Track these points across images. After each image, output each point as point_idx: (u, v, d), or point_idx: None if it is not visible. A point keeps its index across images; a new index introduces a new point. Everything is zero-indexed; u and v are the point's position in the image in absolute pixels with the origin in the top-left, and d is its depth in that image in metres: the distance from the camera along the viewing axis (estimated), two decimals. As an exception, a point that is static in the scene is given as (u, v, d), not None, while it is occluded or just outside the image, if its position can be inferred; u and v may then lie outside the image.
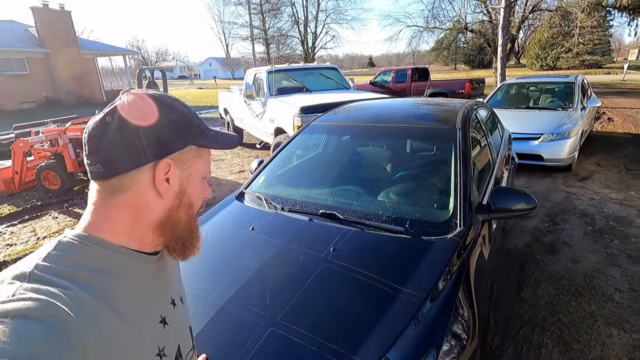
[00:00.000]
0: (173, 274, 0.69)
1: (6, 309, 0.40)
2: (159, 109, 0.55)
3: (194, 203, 0.61)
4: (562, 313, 2.31)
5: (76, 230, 0.54)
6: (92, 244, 0.52)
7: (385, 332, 1.13)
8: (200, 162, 0.60)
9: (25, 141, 5.02)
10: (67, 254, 0.50)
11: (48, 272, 0.46)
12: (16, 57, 16.33)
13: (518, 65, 36.51)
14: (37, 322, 0.40)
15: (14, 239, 3.86)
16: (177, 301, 0.65)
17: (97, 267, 0.51)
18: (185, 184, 0.58)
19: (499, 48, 11.33)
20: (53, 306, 0.43)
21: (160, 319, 0.58)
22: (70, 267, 0.49)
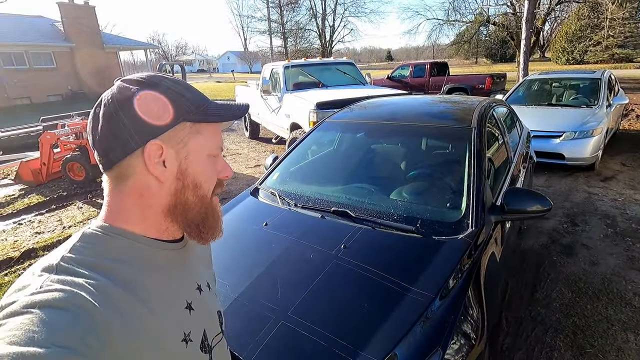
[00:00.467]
0: (200, 260, 0.69)
1: (34, 301, 0.42)
2: (141, 91, 0.53)
3: (200, 184, 0.57)
4: (577, 316, 2.27)
5: (98, 221, 0.56)
6: (115, 234, 0.54)
7: (393, 329, 1.15)
8: (199, 139, 0.56)
9: (52, 134, 5.23)
10: (91, 245, 0.52)
11: (73, 264, 0.48)
12: (44, 52, 16.93)
13: (543, 59, 35.27)
14: (63, 312, 0.42)
15: (42, 227, 4.05)
16: (203, 287, 0.65)
17: (120, 257, 0.52)
18: (184, 165, 0.55)
19: (522, 42, 10.97)
20: (78, 296, 0.44)
21: (185, 305, 0.59)
22: (94, 258, 0.50)
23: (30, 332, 0.38)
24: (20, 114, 12.64)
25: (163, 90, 0.54)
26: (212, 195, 0.60)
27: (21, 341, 0.38)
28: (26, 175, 5.46)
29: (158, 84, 0.55)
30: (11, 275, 3.06)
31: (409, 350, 1.11)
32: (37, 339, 0.38)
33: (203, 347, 0.59)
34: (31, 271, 0.48)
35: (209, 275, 0.72)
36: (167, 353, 0.52)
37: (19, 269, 3.14)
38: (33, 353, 0.37)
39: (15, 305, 0.41)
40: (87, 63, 17.83)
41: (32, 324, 0.39)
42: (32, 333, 0.38)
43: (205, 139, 0.57)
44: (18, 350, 0.37)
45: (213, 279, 0.74)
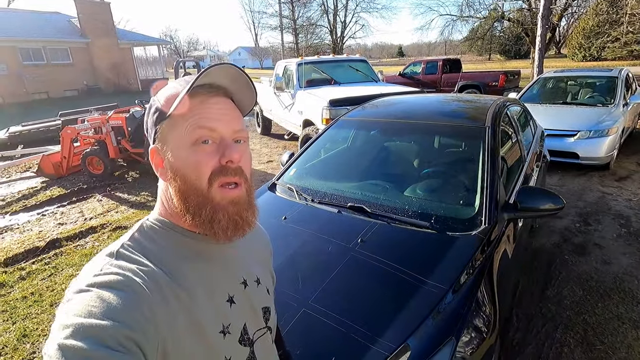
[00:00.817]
0: (252, 256, 0.72)
1: (95, 281, 0.49)
2: (148, 107, 0.62)
3: (185, 175, 0.56)
4: (588, 314, 2.30)
5: (154, 214, 0.62)
6: (166, 227, 0.60)
7: (407, 319, 1.22)
8: (175, 133, 0.56)
9: (73, 128, 5.40)
10: (147, 236, 0.59)
11: (130, 251, 0.55)
12: (61, 47, 17.28)
13: (558, 56, 34.54)
14: (117, 292, 0.48)
15: (64, 219, 4.22)
16: (250, 282, 0.67)
17: (169, 248, 0.58)
18: (171, 161, 0.57)
19: (538, 38, 10.77)
20: (130, 280, 0.50)
21: (227, 298, 0.61)
22: (147, 248, 0.57)
23: (89, 307, 0.45)
24: (39, 109, 12.98)
25: (155, 98, 0.60)
26: (212, 186, 0.56)
27: (82, 314, 0.45)
28: (47, 168, 5.65)
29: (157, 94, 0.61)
30: (38, 263, 3.21)
31: (422, 339, 1.17)
32: (94, 313, 0.45)
33: (242, 340, 0.62)
34: (100, 254, 0.55)
35: (262, 271, 0.73)
36: (205, 342, 0.55)
37: (44, 258, 3.29)
38: (90, 324, 0.44)
39: (82, 284, 0.49)
40: (102, 58, 18.16)
41: (92, 300, 0.46)
42: (91, 308, 0.45)
43: (180, 130, 0.56)
44: (79, 322, 0.44)
45: (268, 276, 0.76)
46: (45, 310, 2.58)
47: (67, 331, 0.43)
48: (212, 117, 0.57)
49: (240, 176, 0.58)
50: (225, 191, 0.57)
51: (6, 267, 3.18)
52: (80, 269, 2.60)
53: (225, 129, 0.57)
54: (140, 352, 0.46)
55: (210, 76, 0.56)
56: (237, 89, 0.61)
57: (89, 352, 0.42)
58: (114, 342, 0.43)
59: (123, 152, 5.62)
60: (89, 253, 3.34)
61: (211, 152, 0.56)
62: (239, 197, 0.59)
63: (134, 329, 0.46)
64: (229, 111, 0.59)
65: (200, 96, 0.57)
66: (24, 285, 2.90)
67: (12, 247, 3.53)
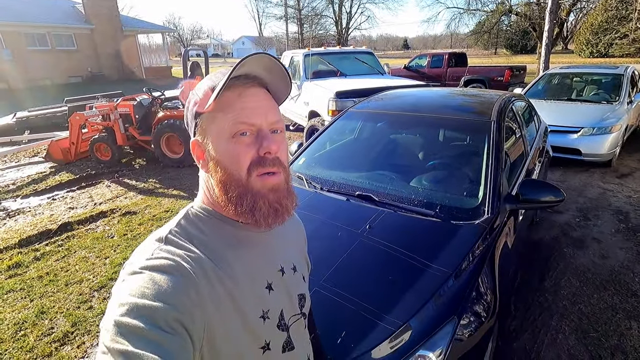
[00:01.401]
0: (289, 243, 0.74)
1: (147, 265, 0.52)
2: (186, 102, 0.63)
3: (226, 167, 0.58)
4: (583, 304, 2.39)
5: (198, 201, 0.65)
6: (210, 215, 0.62)
7: (412, 299, 1.30)
8: (214, 125, 0.58)
9: (82, 115, 5.46)
10: (192, 222, 0.61)
11: (178, 237, 0.58)
12: (65, 33, 17.23)
13: (565, 51, 34.24)
14: (168, 275, 0.51)
15: (74, 203, 4.31)
16: (287, 269, 0.69)
17: (212, 235, 0.60)
18: (212, 153, 0.59)
19: (545, 33, 10.69)
20: (179, 264, 0.52)
21: (266, 285, 0.63)
22: (193, 234, 0.59)
23: (142, 288, 0.49)
24: (43, 95, 13.03)
25: (194, 92, 0.62)
26: (251, 176, 0.58)
27: (136, 294, 0.48)
28: (56, 153, 5.73)
29: (195, 87, 0.63)
30: (51, 245, 3.31)
31: (426, 316, 1.26)
32: (147, 294, 0.48)
33: (280, 325, 0.64)
34: (149, 239, 0.59)
35: (298, 259, 0.75)
36: (247, 326, 0.58)
37: (57, 240, 3.39)
38: (143, 304, 0.47)
39: (135, 266, 0.53)
40: (106, 45, 18.11)
41: (144, 281, 0.50)
42: (144, 289, 0.49)
43: (220, 122, 0.58)
44: (134, 301, 0.47)
45: (304, 263, 0.78)
46: (60, 289, 2.68)
47: (122, 309, 0.47)
48: (250, 109, 0.58)
49: (279, 166, 0.60)
50: (265, 179, 0.58)
51: (21, 248, 3.28)
52: (93, 251, 2.71)
53: (263, 120, 0.58)
54: (187, 334, 0.48)
55: (246, 67, 0.57)
56: (272, 79, 0.62)
57: (141, 330, 0.45)
58: (164, 324, 0.46)
59: (130, 139, 5.69)
60: (100, 236, 3.44)
61: (250, 144, 0.58)
62: (278, 185, 0.60)
63: (183, 312, 0.48)
64: (265, 102, 0.61)
65: (238, 88, 0.58)
66: (39, 265, 3.00)
67: (26, 230, 3.63)
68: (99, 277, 2.80)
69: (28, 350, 2.13)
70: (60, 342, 2.19)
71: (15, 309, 2.47)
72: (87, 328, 2.29)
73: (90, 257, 3.08)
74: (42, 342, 2.19)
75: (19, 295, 2.62)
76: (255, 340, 0.59)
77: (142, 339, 0.45)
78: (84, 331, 2.26)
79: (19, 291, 2.67)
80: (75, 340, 2.20)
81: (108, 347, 0.45)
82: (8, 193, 4.67)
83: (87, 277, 2.82)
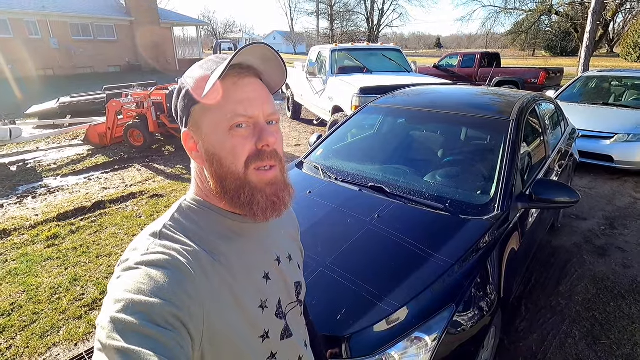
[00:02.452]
0: (283, 232, 0.74)
1: (143, 260, 0.51)
2: (176, 89, 0.61)
3: (222, 159, 0.56)
4: (598, 311, 2.34)
5: (190, 193, 0.63)
6: (204, 207, 0.61)
7: (412, 285, 1.35)
8: (209, 117, 0.56)
9: (118, 102, 5.78)
10: (186, 215, 0.60)
11: (172, 231, 0.57)
12: (107, 24, 18.09)
13: (610, 55, 32.32)
14: (164, 270, 0.50)
15: (107, 184, 4.60)
16: (282, 258, 0.69)
17: (208, 227, 0.59)
18: (206, 145, 0.58)
19: (586, 35, 10.20)
20: (175, 259, 0.52)
21: (263, 275, 0.63)
22: (188, 227, 0.58)
23: (139, 284, 0.48)
24: (84, 82, 13.78)
25: (184, 80, 0.60)
26: (248, 170, 0.57)
27: (132, 290, 0.47)
28: (93, 137, 6.10)
29: (185, 74, 0.61)
30: (85, 220, 3.57)
31: (425, 301, 1.31)
32: (143, 290, 0.47)
33: (278, 314, 0.64)
34: (143, 234, 0.58)
35: (292, 247, 0.75)
36: (246, 316, 0.58)
37: (91, 216, 3.65)
38: (140, 300, 0.46)
39: (130, 262, 0.52)
40: (144, 37, 18.84)
41: (140, 277, 0.49)
42: (140, 285, 0.48)
43: (215, 114, 0.56)
44: (130, 297, 0.47)
45: (298, 251, 0.78)
46: (92, 260, 2.90)
47: (118, 305, 0.46)
48: (248, 100, 0.56)
49: (276, 159, 0.59)
50: (262, 173, 0.58)
51: (59, 221, 3.56)
52: (122, 228, 2.92)
53: (259, 112, 0.57)
54: (185, 329, 0.48)
55: (241, 56, 0.55)
56: (267, 69, 0.60)
57: (138, 327, 0.44)
58: (161, 320, 0.46)
59: (161, 126, 5.97)
60: (129, 215, 3.67)
61: (247, 136, 0.57)
62: (275, 178, 0.59)
63: (180, 308, 0.48)
64: (261, 93, 0.59)
65: (232, 78, 0.56)
66: (73, 238, 3.25)
67: (64, 205, 3.93)
68: (126, 252, 3.00)
69: (61, 312, 2.34)
70: (89, 307, 2.39)
71: (51, 275, 2.71)
72: (114, 296, 2.48)
73: (120, 234, 3.31)
74: (74, 305, 2.39)
75: (55, 264, 2.86)
76: (255, 329, 0.59)
77: (138, 335, 0.44)
78: (110, 299, 2.45)
79: (55, 259, 2.91)
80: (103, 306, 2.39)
81: (104, 344, 0.44)
82: (50, 172, 5.05)
83: (116, 251, 3.03)
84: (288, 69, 0.64)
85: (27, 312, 2.33)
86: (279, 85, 0.64)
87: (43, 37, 16.06)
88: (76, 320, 2.28)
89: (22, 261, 2.88)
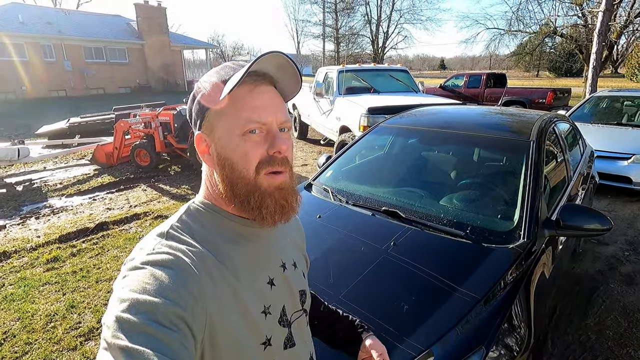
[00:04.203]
0: (289, 240, 0.74)
1: (148, 260, 0.52)
2: (192, 93, 0.62)
3: (234, 164, 0.57)
4: (633, 347, 2.15)
5: (199, 196, 0.64)
6: (212, 210, 0.62)
7: (436, 324, 1.22)
8: (224, 121, 0.57)
9: (126, 122, 5.81)
10: (194, 218, 0.61)
11: (179, 232, 0.57)
12: (119, 48, 18.66)
13: (615, 75, 32.42)
14: (169, 270, 0.50)
15: (112, 204, 4.53)
16: (288, 265, 0.69)
17: (214, 230, 0.60)
18: (218, 148, 0.58)
19: (592, 56, 10.20)
20: (180, 260, 0.52)
21: (268, 280, 0.63)
22: (195, 229, 0.59)
23: (144, 284, 0.48)
24: (95, 103, 14.05)
25: (200, 85, 0.61)
26: (259, 175, 0.58)
27: (137, 290, 0.48)
28: (100, 157, 6.10)
29: (201, 78, 0.62)
30: (87, 242, 3.48)
31: (450, 345, 1.17)
32: (148, 290, 0.48)
33: (281, 321, 0.64)
34: (150, 234, 0.58)
35: (298, 255, 0.75)
36: (249, 321, 0.57)
37: (93, 238, 3.56)
38: (145, 300, 0.47)
39: (136, 262, 0.52)
40: (155, 60, 19.38)
41: (145, 277, 0.49)
42: (145, 284, 0.48)
43: (229, 119, 0.57)
44: (135, 297, 0.47)
45: (303, 260, 0.78)
46: (91, 285, 2.79)
47: (123, 305, 0.46)
48: (262, 107, 0.57)
49: (286, 165, 0.60)
50: (272, 178, 0.59)
51: (60, 243, 3.47)
52: (125, 251, 2.80)
53: (273, 119, 0.58)
54: (188, 329, 0.48)
55: (258, 64, 0.56)
56: (282, 77, 0.61)
57: (143, 327, 0.45)
58: (165, 320, 0.46)
59: (168, 146, 5.96)
60: (132, 237, 3.57)
61: (259, 142, 0.58)
62: (285, 183, 0.60)
63: (184, 308, 0.48)
64: (275, 101, 0.60)
65: (248, 85, 0.57)
66: (74, 261, 3.15)
67: (66, 226, 3.85)
68: (127, 277, 2.89)
69: (55, 342, 2.21)
70: (85, 337, 2.26)
71: (48, 301, 2.59)
72: (112, 325, 2.34)
73: (122, 257, 3.20)
74: (69, 335, 2.27)
75: (53, 288, 2.75)
76: (256, 335, 0.58)
77: (142, 335, 0.44)
78: (108, 328, 2.32)
79: (54, 284, 2.80)
80: (99, 336, 2.26)
81: (109, 343, 0.45)
82: (55, 192, 5.01)
83: (116, 275, 2.90)
84: (301, 73, 0.64)
85: (19, 342, 2.21)
86: (293, 94, 0.65)
87: (57, 60, 16.56)
88: (70, 351, 2.15)
89: (19, 285, 2.78)
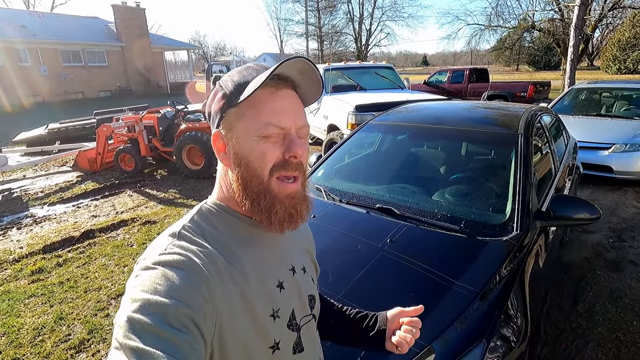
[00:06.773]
0: (299, 244, 0.74)
1: (160, 260, 0.52)
2: (213, 91, 0.63)
3: (249, 164, 0.58)
4: (622, 331, 2.21)
5: (212, 197, 0.64)
6: (223, 211, 0.62)
7: (436, 320, 1.22)
8: (243, 122, 0.58)
9: (108, 126, 5.66)
10: (206, 218, 0.61)
11: (191, 233, 0.57)
12: (98, 50, 18.17)
13: (591, 68, 33.41)
14: (180, 271, 0.50)
15: (97, 212, 4.41)
16: (297, 269, 0.68)
17: (226, 231, 0.60)
18: (235, 148, 0.58)
19: (570, 49, 10.46)
20: (192, 260, 0.52)
21: (277, 283, 0.63)
22: (206, 230, 0.59)
23: (155, 284, 0.49)
24: (75, 108, 13.66)
25: (221, 83, 0.61)
26: (272, 177, 0.58)
27: (149, 290, 0.48)
28: (83, 163, 5.93)
29: (223, 77, 0.63)
30: (73, 251, 3.37)
31: (452, 339, 1.18)
32: (159, 290, 0.48)
33: (290, 325, 0.63)
34: (163, 234, 0.58)
35: (307, 261, 0.75)
36: (257, 324, 0.57)
37: (79, 247, 3.46)
38: (156, 301, 0.47)
39: (148, 262, 0.52)
40: (135, 62, 18.95)
41: (157, 277, 0.49)
42: (157, 285, 0.49)
43: (249, 120, 0.57)
44: (146, 297, 0.47)
45: (312, 266, 0.78)
46: (79, 295, 2.71)
47: (135, 305, 0.47)
48: (282, 111, 0.58)
49: (300, 171, 0.60)
50: (284, 184, 0.59)
51: (44, 254, 3.35)
52: (113, 258, 2.72)
53: (292, 123, 0.58)
54: (198, 331, 0.48)
55: (281, 68, 0.56)
56: (303, 82, 0.61)
57: (153, 328, 0.45)
58: (176, 321, 0.46)
59: (153, 150, 5.84)
60: (120, 244, 3.49)
61: (276, 144, 0.58)
62: (296, 192, 0.60)
63: (194, 309, 0.48)
64: (295, 105, 0.60)
65: (269, 88, 0.57)
66: (60, 271, 3.05)
67: (50, 236, 3.73)
68: (116, 285, 2.82)
69: (44, 357, 2.13)
70: (75, 350, 2.19)
71: (35, 314, 2.51)
72: (103, 336, 2.28)
73: (110, 265, 3.12)
74: (59, 348, 2.19)
75: (39, 301, 2.66)
76: (264, 338, 0.58)
77: (153, 336, 0.45)
78: (99, 339, 2.26)
79: (40, 296, 2.71)
80: (90, 348, 2.20)
81: (121, 343, 0.45)
82: (36, 200, 4.85)
83: (106, 284, 2.84)
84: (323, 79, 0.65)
85: (6, 359, 2.12)
86: (314, 99, 0.65)
87: (33, 64, 16.02)
88: (61, 365, 2.08)
89: (3, 299, 2.67)
